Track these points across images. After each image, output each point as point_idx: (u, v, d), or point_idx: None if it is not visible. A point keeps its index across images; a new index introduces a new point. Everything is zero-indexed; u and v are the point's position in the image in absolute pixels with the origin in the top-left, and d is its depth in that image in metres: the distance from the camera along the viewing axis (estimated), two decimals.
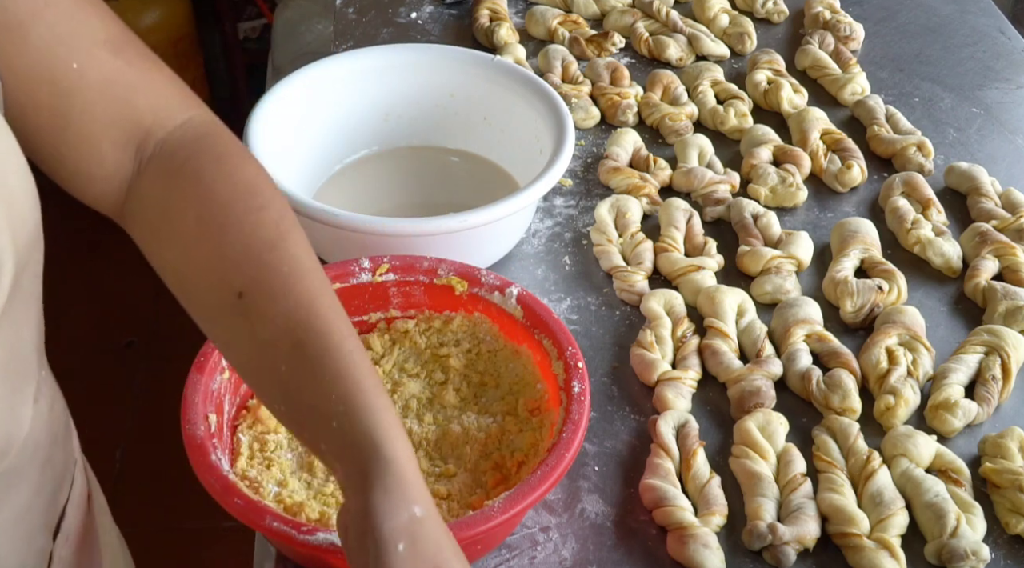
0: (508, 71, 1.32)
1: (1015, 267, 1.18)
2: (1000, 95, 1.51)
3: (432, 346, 1.03)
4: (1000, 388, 1.05)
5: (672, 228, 1.23)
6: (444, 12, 1.66)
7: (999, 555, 0.92)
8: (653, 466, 0.97)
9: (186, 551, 2.19)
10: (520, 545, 0.93)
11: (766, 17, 1.67)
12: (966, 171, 1.32)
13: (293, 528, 0.80)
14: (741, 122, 1.41)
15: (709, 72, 1.49)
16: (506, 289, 1.01)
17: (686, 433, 0.99)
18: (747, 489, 0.96)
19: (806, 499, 0.94)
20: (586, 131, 1.43)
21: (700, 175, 1.30)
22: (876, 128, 1.39)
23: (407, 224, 1.09)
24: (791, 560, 0.91)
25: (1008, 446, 0.98)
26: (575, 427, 0.87)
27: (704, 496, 0.95)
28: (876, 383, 1.06)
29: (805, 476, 0.97)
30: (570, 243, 1.25)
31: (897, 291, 1.16)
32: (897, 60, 1.58)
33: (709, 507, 0.94)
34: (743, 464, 0.97)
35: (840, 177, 1.32)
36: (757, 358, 1.08)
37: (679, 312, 1.13)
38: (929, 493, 0.94)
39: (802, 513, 0.93)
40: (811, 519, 0.93)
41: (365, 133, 1.34)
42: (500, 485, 0.91)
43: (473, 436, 0.95)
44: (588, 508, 0.96)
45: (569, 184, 1.33)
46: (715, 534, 0.92)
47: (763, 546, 0.91)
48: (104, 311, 2.67)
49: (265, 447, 0.93)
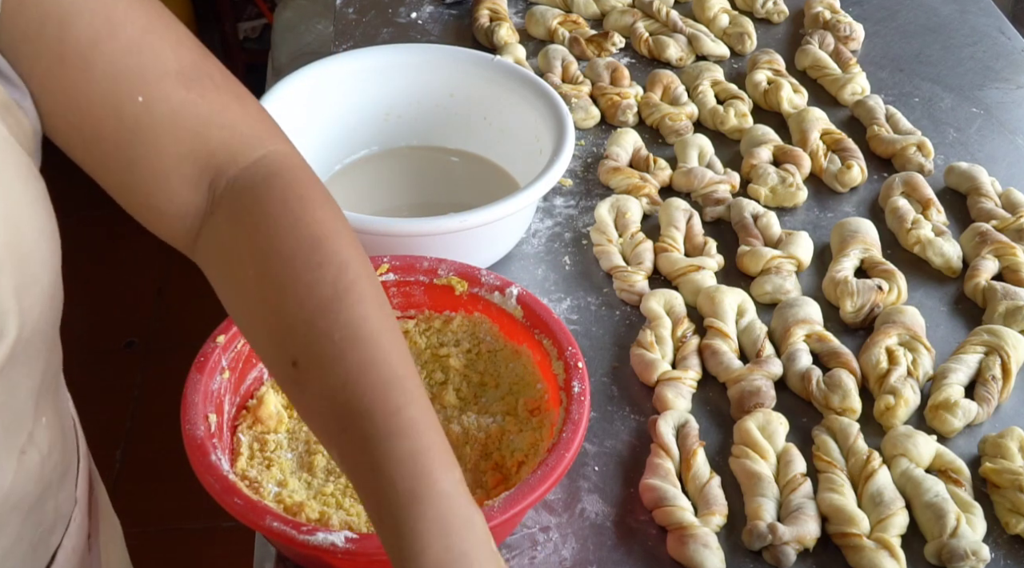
0: (508, 71, 1.32)
1: (1015, 267, 1.18)
2: (1000, 95, 1.51)
3: (432, 346, 1.03)
4: (1000, 388, 1.05)
5: (672, 228, 1.23)
6: (444, 12, 1.66)
7: (999, 555, 0.92)
8: (653, 466, 0.97)
9: (186, 551, 2.19)
10: (520, 545, 0.93)
11: (766, 17, 1.67)
12: (966, 171, 1.32)
13: (293, 528, 0.80)
14: (741, 122, 1.41)
15: (709, 72, 1.49)
16: (506, 289, 1.01)
17: (686, 433, 0.99)
18: (747, 489, 0.96)
19: (806, 499, 0.94)
20: (586, 131, 1.43)
21: (700, 175, 1.30)
22: (876, 128, 1.39)
23: (407, 224, 1.09)
24: (791, 560, 0.91)
25: (1008, 446, 0.98)
26: (575, 427, 0.87)
27: (704, 496, 0.95)
28: (876, 383, 1.06)
29: (805, 476, 0.96)
30: (570, 243, 1.25)
31: (897, 291, 1.16)
32: (897, 60, 1.58)
33: (709, 507, 0.94)
34: (743, 464, 0.97)
35: (840, 177, 1.32)
36: (757, 358, 1.08)
37: (679, 312, 1.13)
38: (929, 493, 0.94)
39: (802, 513, 0.93)
40: (811, 519, 0.93)
41: (365, 133, 1.34)
42: (500, 485, 0.91)
43: (473, 436, 0.95)
44: (588, 508, 0.96)
45: (569, 184, 1.33)
46: (715, 534, 0.92)
47: (763, 546, 0.91)
48: (104, 311, 2.67)
49: (265, 447, 0.93)
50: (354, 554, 0.79)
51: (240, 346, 0.95)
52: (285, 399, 0.98)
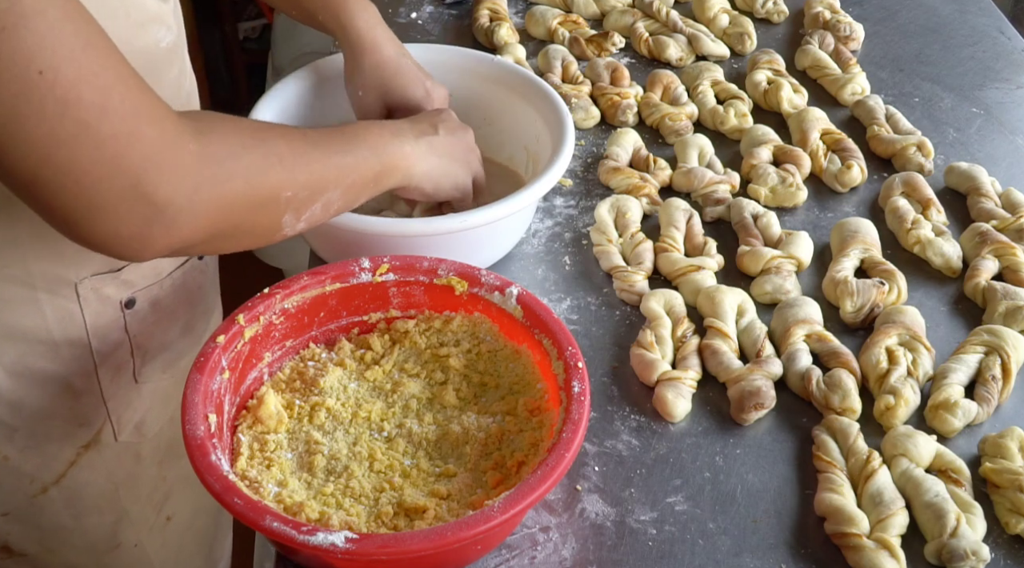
0: (508, 71, 1.32)
1: (1015, 267, 1.18)
2: (1000, 95, 1.51)
3: (432, 346, 1.03)
4: (1000, 388, 1.05)
5: (672, 228, 1.23)
6: (444, 12, 1.66)
7: (999, 555, 0.92)
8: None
9: None
10: (520, 545, 0.93)
11: (766, 17, 1.67)
12: (966, 171, 1.32)
13: (293, 528, 0.80)
14: (741, 122, 1.41)
15: (709, 72, 1.49)
16: (506, 289, 1.01)
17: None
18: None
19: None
20: (586, 131, 1.43)
21: (700, 175, 1.30)
22: (876, 128, 1.39)
23: (407, 224, 1.09)
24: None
25: (1008, 446, 0.98)
26: (575, 427, 0.87)
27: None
28: (876, 383, 1.06)
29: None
30: (570, 243, 1.25)
31: (897, 291, 1.16)
32: (897, 60, 1.58)
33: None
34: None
35: (840, 177, 1.32)
36: (757, 358, 1.08)
37: (679, 312, 1.13)
38: (929, 493, 0.94)
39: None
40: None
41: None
42: (500, 485, 0.91)
43: (473, 436, 0.95)
44: (588, 508, 0.96)
45: (569, 184, 1.33)
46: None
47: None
48: None
49: (265, 447, 0.93)
50: (354, 554, 0.79)
51: (240, 346, 0.95)
52: (285, 399, 0.98)
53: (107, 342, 1.06)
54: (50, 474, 1.08)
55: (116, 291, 1.05)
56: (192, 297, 1.17)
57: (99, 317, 1.04)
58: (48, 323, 1.01)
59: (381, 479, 0.91)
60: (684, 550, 0.92)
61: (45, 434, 1.05)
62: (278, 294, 0.99)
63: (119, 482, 1.14)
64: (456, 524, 0.80)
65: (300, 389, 0.99)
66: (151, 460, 1.17)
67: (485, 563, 0.91)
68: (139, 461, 1.15)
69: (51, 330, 1.01)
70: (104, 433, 1.10)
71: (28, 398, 1.03)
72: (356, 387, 0.99)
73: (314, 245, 1.21)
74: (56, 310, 1.01)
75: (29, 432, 1.04)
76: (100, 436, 1.10)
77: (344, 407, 0.97)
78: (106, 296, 1.04)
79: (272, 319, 0.99)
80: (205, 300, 1.20)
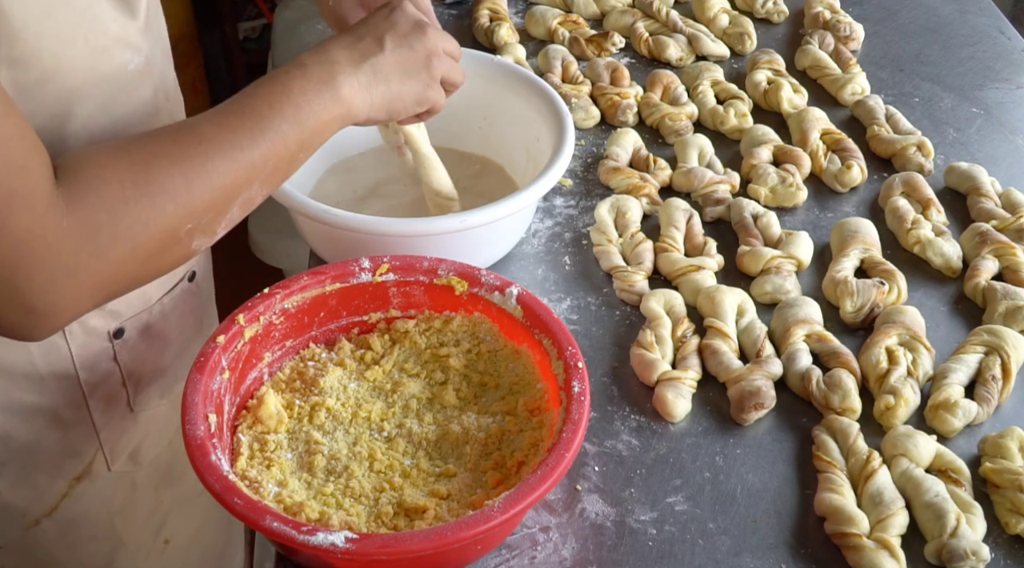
0: (508, 71, 1.32)
1: (1015, 267, 1.18)
2: (1000, 95, 1.51)
3: (432, 346, 1.03)
4: (1000, 388, 1.05)
5: (672, 228, 1.23)
6: (444, 12, 1.66)
7: (999, 555, 0.92)
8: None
9: None
10: (520, 545, 0.93)
11: (766, 17, 1.67)
12: (966, 171, 1.32)
13: (293, 528, 0.80)
14: (741, 122, 1.41)
15: (709, 72, 1.49)
16: (506, 289, 1.01)
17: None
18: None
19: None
20: (586, 131, 1.43)
21: (700, 175, 1.30)
22: (876, 128, 1.39)
23: (407, 224, 1.09)
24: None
25: (1008, 446, 0.98)
26: (575, 427, 0.87)
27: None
28: (876, 383, 1.06)
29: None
30: (570, 243, 1.25)
31: (897, 291, 1.16)
32: (897, 60, 1.58)
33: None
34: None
35: (840, 177, 1.32)
36: (757, 358, 1.08)
37: (679, 312, 1.13)
38: (929, 493, 0.94)
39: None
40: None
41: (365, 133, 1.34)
42: (500, 485, 0.90)
43: (473, 436, 0.95)
44: (588, 508, 0.96)
45: (569, 184, 1.33)
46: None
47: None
48: None
49: (265, 447, 0.93)
50: (354, 554, 0.79)
51: (240, 346, 0.95)
52: (285, 399, 0.98)
53: (96, 373, 1.03)
54: (42, 507, 1.05)
55: (103, 322, 1.02)
56: (185, 320, 1.13)
57: (86, 348, 1.01)
58: (33, 357, 0.98)
59: (381, 479, 0.91)
60: (684, 550, 0.92)
61: (35, 466, 1.03)
62: (278, 294, 0.99)
63: (115, 511, 1.11)
64: (456, 524, 0.80)
65: (300, 389, 0.99)
66: (147, 486, 1.14)
67: (485, 563, 0.91)
68: (135, 489, 1.12)
69: (36, 363, 0.98)
70: (96, 463, 1.07)
71: (16, 432, 1.00)
72: (356, 387, 0.99)
73: (314, 245, 1.21)
74: (41, 343, 0.97)
75: (18, 465, 1.02)
76: (92, 467, 1.07)
77: (344, 407, 0.97)
78: (92, 328, 1.01)
79: (272, 319, 0.99)
80: (200, 321, 1.17)
